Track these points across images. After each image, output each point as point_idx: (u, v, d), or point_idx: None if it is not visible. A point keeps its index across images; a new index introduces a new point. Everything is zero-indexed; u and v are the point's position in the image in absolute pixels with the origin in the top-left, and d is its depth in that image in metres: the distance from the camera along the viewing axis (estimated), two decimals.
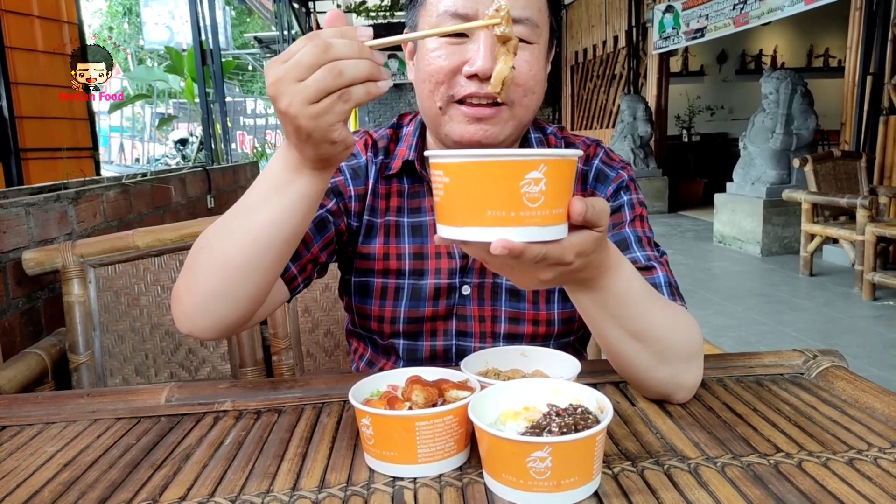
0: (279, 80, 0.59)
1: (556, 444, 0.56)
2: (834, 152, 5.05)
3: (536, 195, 0.53)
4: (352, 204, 0.95)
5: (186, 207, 2.80)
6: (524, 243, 0.53)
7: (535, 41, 0.83)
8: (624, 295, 0.69)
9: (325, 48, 0.57)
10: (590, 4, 11.48)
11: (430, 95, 0.83)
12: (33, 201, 1.56)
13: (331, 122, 0.60)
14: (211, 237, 0.75)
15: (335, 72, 0.57)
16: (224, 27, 10.43)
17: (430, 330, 0.96)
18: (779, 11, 6.36)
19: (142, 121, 14.23)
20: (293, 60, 0.58)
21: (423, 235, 0.95)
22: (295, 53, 0.58)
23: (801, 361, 0.90)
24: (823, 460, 0.65)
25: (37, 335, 1.51)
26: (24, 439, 0.76)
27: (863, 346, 3.48)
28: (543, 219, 0.54)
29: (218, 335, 0.79)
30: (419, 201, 0.96)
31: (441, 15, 0.81)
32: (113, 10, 20.78)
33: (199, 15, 4.96)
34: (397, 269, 0.94)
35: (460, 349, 0.96)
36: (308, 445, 0.71)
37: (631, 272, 0.70)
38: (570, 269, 0.60)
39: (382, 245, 0.95)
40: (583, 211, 0.56)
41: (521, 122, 0.86)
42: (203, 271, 0.75)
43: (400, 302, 0.94)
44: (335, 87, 0.58)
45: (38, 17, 3.26)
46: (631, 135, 8.75)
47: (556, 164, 0.53)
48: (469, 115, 0.82)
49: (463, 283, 0.94)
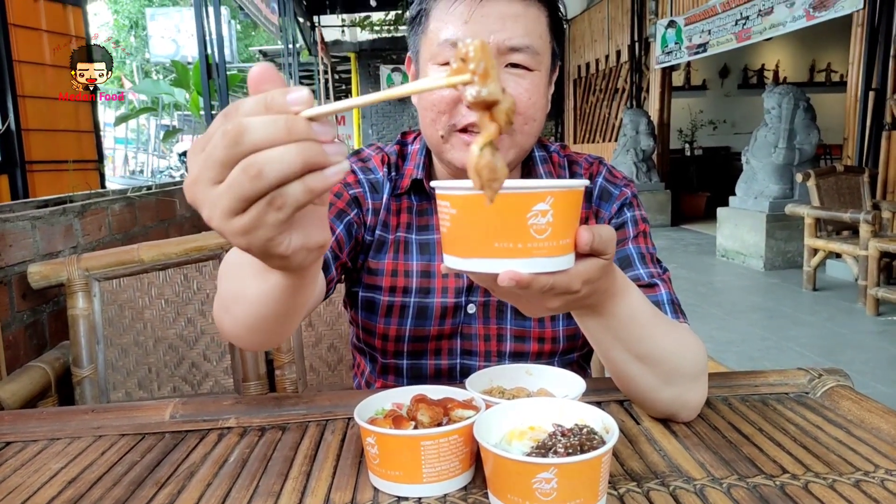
0: (194, 181, 0.44)
1: (563, 466, 0.55)
2: (837, 167, 5.06)
3: (543, 227, 0.53)
4: (368, 217, 0.96)
5: (191, 220, 2.81)
6: (531, 275, 0.53)
7: (535, 68, 0.82)
8: (630, 319, 0.69)
9: (238, 135, 0.41)
10: (593, 19, 11.56)
11: (431, 124, 0.84)
12: (39, 214, 1.56)
13: (267, 237, 0.45)
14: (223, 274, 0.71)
15: (252, 172, 0.42)
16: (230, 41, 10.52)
17: (434, 349, 0.96)
18: (781, 27, 6.40)
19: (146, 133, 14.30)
20: (204, 155, 0.43)
21: (431, 253, 0.95)
22: (210, 139, 0.43)
23: (806, 380, 0.90)
24: (830, 482, 0.64)
25: (41, 348, 1.51)
26: (29, 455, 0.76)
27: (867, 362, 3.47)
28: (550, 250, 0.54)
29: (267, 346, 0.80)
30: (427, 219, 0.97)
31: (441, 44, 0.82)
32: (119, 23, 20.96)
33: (205, 29, 5.00)
34: (405, 286, 0.95)
35: (464, 368, 0.96)
36: (312, 464, 0.71)
37: (637, 296, 0.70)
38: (577, 297, 0.60)
39: (392, 261, 0.95)
40: (590, 241, 0.56)
41: (522, 149, 0.86)
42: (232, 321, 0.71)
43: (405, 320, 0.95)
44: (257, 193, 0.42)
45: (46, 31, 3.29)
46: (633, 148, 8.77)
47: (563, 195, 0.53)
48: (470, 142, 0.82)
49: (468, 301, 0.94)
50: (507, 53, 0.81)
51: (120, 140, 14.45)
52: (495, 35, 0.79)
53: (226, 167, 0.42)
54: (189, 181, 0.45)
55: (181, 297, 1.44)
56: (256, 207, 0.43)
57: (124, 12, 20.89)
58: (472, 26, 0.79)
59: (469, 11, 0.80)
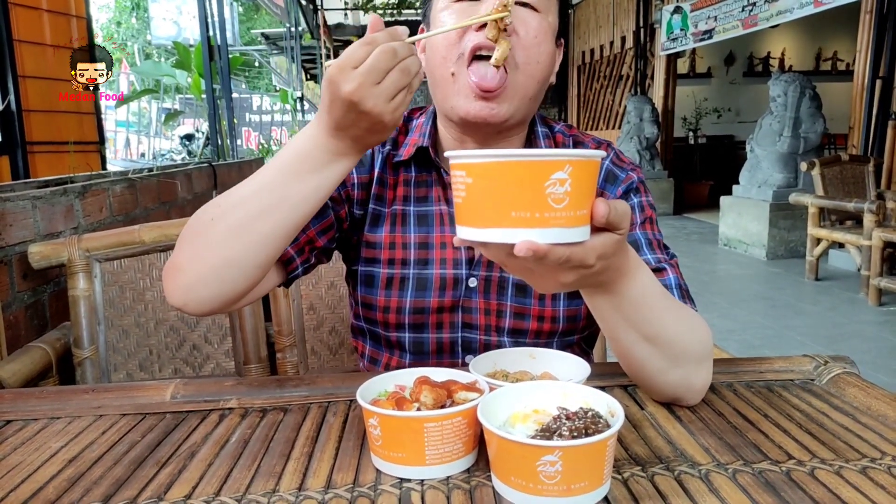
0: (360, 86, 0.65)
1: (567, 449, 0.55)
2: (842, 156, 5.03)
3: (561, 196, 0.52)
4: (354, 192, 0.95)
5: (192, 203, 2.80)
6: (548, 245, 0.52)
7: (544, 11, 0.85)
8: (640, 299, 0.68)
9: (393, 53, 0.66)
10: (597, 5, 11.45)
11: (442, 62, 0.85)
12: (40, 195, 1.56)
13: (403, 111, 0.70)
14: (228, 208, 0.75)
15: (406, 72, 0.67)
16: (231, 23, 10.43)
17: (435, 322, 0.95)
18: (788, 14, 6.34)
19: (148, 116, 14.25)
20: (368, 66, 0.65)
21: (429, 225, 0.95)
22: (362, 59, 0.66)
23: (811, 367, 0.89)
24: (836, 468, 0.64)
25: (41, 329, 1.51)
26: (29, 434, 0.76)
27: (869, 352, 3.46)
28: (568, 220, 0.53)
29: (214, 308, 0.78)
30: (426, 190, 0.96)
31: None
32: (121, 4, 20.82)
33: (207, 11, 4.96)
34: (403, 258, 0.94)
35: (466, 342, 0.96)
36: (314, 445, 0.71)
37: (647, 276, 0.69)
38: (590, 272, 0.59)
39: (389, 234, 0.95)
40: (606, 213, 0.55)
41: (525, 96, 0.86)
42: (218, 239, 0.75)
43: (406, 292, 0.94)
44: (407, 84, 0.68)
45: (46, 11, 3.26)
46: (637, 136, 8.73)
47: (582, 164, 0.52)
48: (475, 87, 0.82)
49: (470, 275, 0.94)
50: None
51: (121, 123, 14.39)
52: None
53: (386, 72, 0.66)
54: (353, 88, 0.66)
55: None
56: (402, 93, 0.68)
57: None
58: None
59: None
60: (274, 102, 14.71)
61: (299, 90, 11.57)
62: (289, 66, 12.24)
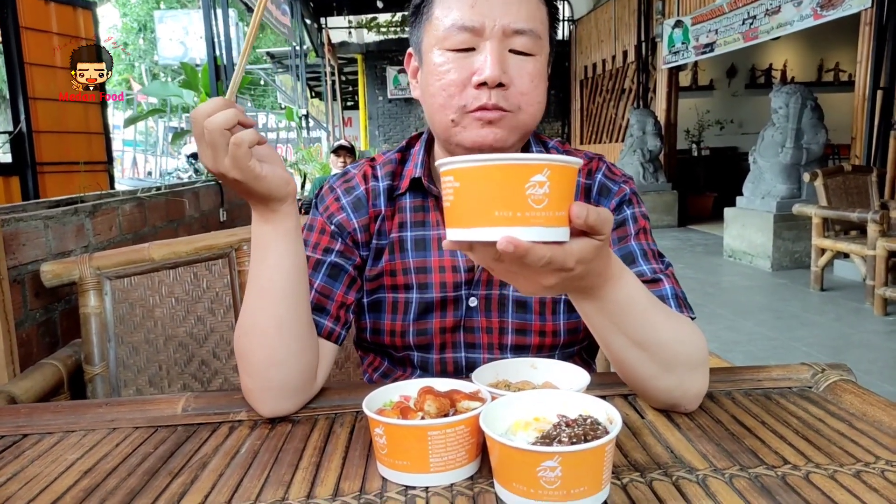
0: (200, 157, 0.74)
1: (566, 454, 0.57)
2: (844, 167, 5.05)
3: (541, 197, 0.55)
4: (358, 236, 0.98)
5: (199, 220, 2.83)
6: (530, 242, 0.55)
7: (537, 53, 0.86)
8: (626, 304, 0.70)
9: (195, 118, 0.72)
10: (599, 19, 11.55)
11: (441, 109, 0.86)
12: (52, 214, 1.59)
13: (245, 165, 0.72)
14: (241, 324, 0.83)
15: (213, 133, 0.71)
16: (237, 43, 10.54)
17: (439, 343, 0.97)
18: (788, 26, 6.39)
19: (155, 135, 14.38)
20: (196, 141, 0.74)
21: (427, 249, 0.97)
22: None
23: (809, 375, 0.90)
24: (831, 472, 0.65)
25: (53, 346, 1.53)
26: (46, 447, 0.78)
27: (875, 362, 3.46)
28: (547, 220, 0.56)
29: (291, 405, 0.84)
30: (423, 215, 0.98)
31: (448, 28, 0.84)
32: (128, 26, 21.10)
33: (213, 31, 5.03)
34: (404, 283, 0.97)
35: (469, 361, 0.97)
36: (322, 455, 0.73)
37: (633, 282, 0.71)
38: (571, 276, 0.61)
39: (389, 262, 0.97)
40: (583, 215, 0.58)
41: (525, 129, 0.89)
42: (250, 353, 0.82)
43: (409, 315, 0.96)
44: (220, 142, 0.71)
45: (56, 34, 3.33)
46: (640, 149, 8.76)
47: (559, 169, 0.56)
48: (482, 118, 0.84)
49: (470, 295, 0.96)
50: (512, 36, 0.84)
51: (128, 142, 14.53)
52: (500, 18, 0.83)
53: (200, 139, 0.71)
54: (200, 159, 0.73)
55: (191, 295, 1.46)
56: (227, 150, 0.71)
57: (133, 15, 21.02)
58: (479, 9, 0.83)
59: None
60: (279, 120, 14.84)
61: (304, 108, 11.68)
62: (294, 84, 12.37)
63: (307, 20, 11.88)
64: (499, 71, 0.82)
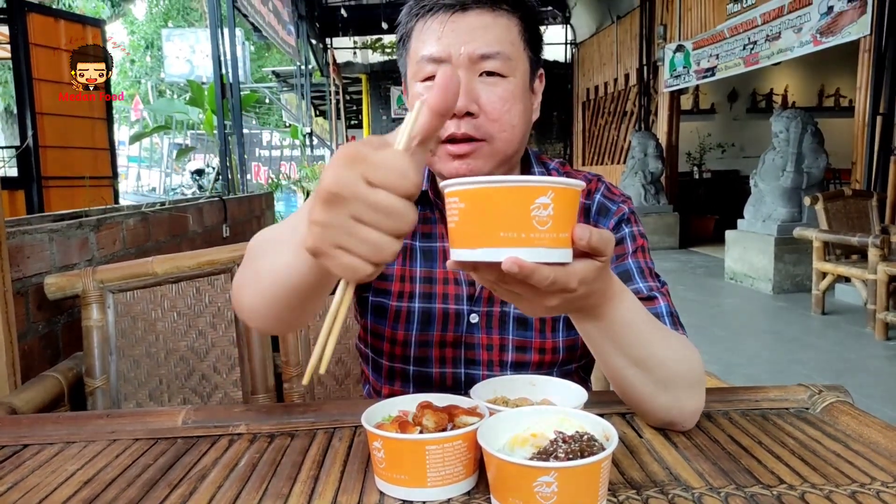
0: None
1: (563, 469, 0.57)
2: (845, 191, 5.07)
3: (545, 219, 0.56)
4: None
5: (203, 236, 2.85)
6: (534, 263, 0.56)
7: (509, 74, 0.87)
8: (626, 324, 0.71)
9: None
10: (601, 43, 11.67)
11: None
12: (56, 228, 1.60)
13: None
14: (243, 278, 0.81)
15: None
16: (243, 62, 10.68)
17: (439, 357, 0.98)
18: (788, 52, 6.46)
19: (159, 151, 14.48)
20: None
21: (434, 260, 0.99)
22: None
23: (806, 396, 0.91)
24: (826, 493, 0.65)
25: (54, 359, 1.54)
26: (46, 457, 0.79)
27: (876, 386, 3.44)
28: (551, 241, 0.57)
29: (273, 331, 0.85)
30: (430, 227, 1.00)
31: (419, 61, 0.88)
32: (135, 43, 21.33)
33: (220, 50, 5.09)
34: (410, 291, 0.98)
35: (469, 378, 0.98)
36: (320, 468, 0.73)
37: (633, 302, 0.72)
38: (574, 296, 0.62)
39: (400, 267, 0.99)
40: (585, 237, 0.58)
41: (504, 156, 0.89)
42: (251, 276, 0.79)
43: (411, 325, 0.97)
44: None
45: (65, 51, 3.37)
46: (642, 171, 8.81)
47: (563, 191, 0.57)
48: (451, 152, 0.87)
49: (471, 311, 0.97)
50: (479, 62, 0.85)
51: (133, 158, 14.63)
52: (465, 46, 0.84)
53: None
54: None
55: (193, 309, 1.47)
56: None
57: (140, 33, 21.26)
58: (444, 40, 0.85)
59: (441, 28, 0.85)
60: (284, 138, 14.95)
61: (308, 126, 11.78)
62: (298, 103, 12.48)
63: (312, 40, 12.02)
64: (465, 101, 0.83)
